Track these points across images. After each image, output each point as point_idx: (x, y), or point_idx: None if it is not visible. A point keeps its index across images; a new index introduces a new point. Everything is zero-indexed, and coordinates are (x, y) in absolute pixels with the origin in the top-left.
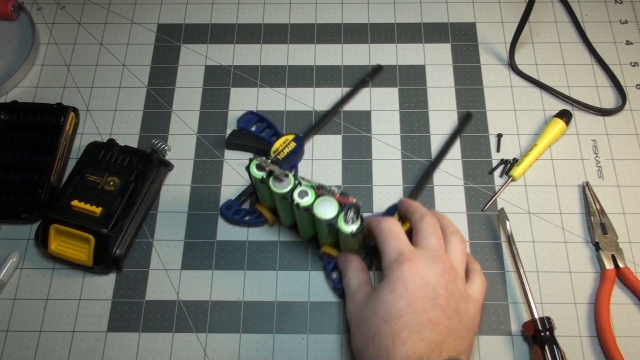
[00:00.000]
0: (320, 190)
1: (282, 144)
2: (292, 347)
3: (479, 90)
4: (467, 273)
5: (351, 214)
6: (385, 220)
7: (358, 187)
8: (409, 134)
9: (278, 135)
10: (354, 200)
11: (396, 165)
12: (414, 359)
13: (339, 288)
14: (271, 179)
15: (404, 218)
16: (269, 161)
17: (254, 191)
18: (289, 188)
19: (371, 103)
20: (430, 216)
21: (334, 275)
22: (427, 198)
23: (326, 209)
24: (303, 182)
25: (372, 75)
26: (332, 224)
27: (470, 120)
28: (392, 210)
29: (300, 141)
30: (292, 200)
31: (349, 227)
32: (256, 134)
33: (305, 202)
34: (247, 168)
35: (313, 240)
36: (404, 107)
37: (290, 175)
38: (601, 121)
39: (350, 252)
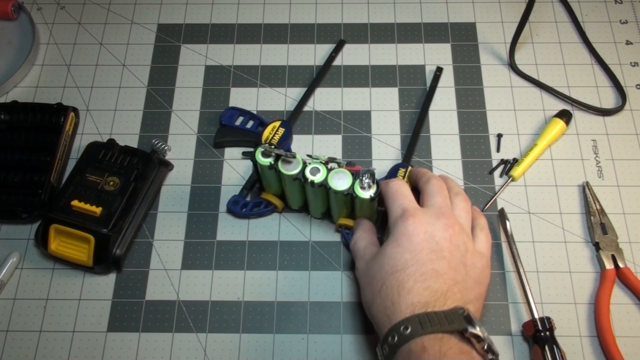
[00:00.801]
0: (330, 163)
1: (271, 132)
2: (292, 347)
3: (479, 90)
4: (472, 229)
5: (367, 180)
6: (393, 181)
7: None
8: (409, 134)
9: (263, 124)
10: (360, 168)
11: None
12: (419, 306)
13: None
14: (280, 163)
15: (414, 185)
16: (273, 146)
17: (257, 181)
18: (299, 168)
19: (371, 103)
20: (437, 178)
21: None
22: None
23: (340, 180)
24: (310, 160)
25: (337, 51)
26: (349, 194)
27: (442, 73)
28: (394, 172)
29: (287, 126)
30: (306, 178)
31: (367, 193)
32: (242, 127)
33: (318, 178)
34: (252, 158)
35: (326, 216)
36: (404, 107)
37: (298, 156)
38: (601, 121)
39: (365, 218)
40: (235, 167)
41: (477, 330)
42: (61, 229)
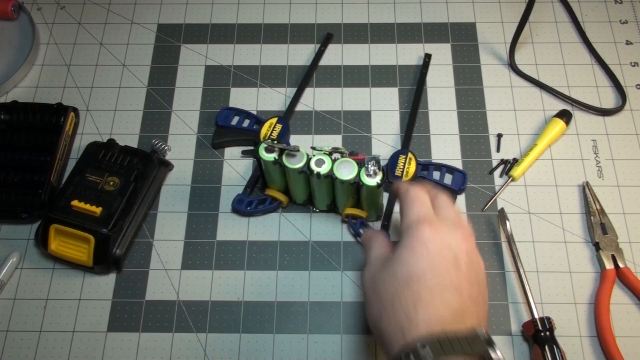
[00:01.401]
0: (334, 154)
1: (269, 128)
2: (292, 347)
3: (479, 90)
4: None
5: (372, 167)
6: (414, 188)
7: None
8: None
9: (259, 122)
10: (364, 156)
11: None
12: (436, 324)
13: None
14: (284, 157)
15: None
16: (275, 141)
17: (259, 178)
18: (304, 161)
19: (371, 103)
20: (445, 193)
21: (361, 231)
22: None
23: (346, 170)
24: (313, 152)
25: (325, 44)
26: (356, 182)
27: (430, 59)
28: (394, 158)
29: (284, 122)
30: (312, 171)
31: (374, 180)
32: (238, 127)
33: (324, 169)
34: (256, 154)
35: (331, 207)
36: (404, 107)
37: (302, 149)
38: (601, 121)
39: (374, 210)
40: (235, 167)
41: (499, 355)
42: (61, 229)
